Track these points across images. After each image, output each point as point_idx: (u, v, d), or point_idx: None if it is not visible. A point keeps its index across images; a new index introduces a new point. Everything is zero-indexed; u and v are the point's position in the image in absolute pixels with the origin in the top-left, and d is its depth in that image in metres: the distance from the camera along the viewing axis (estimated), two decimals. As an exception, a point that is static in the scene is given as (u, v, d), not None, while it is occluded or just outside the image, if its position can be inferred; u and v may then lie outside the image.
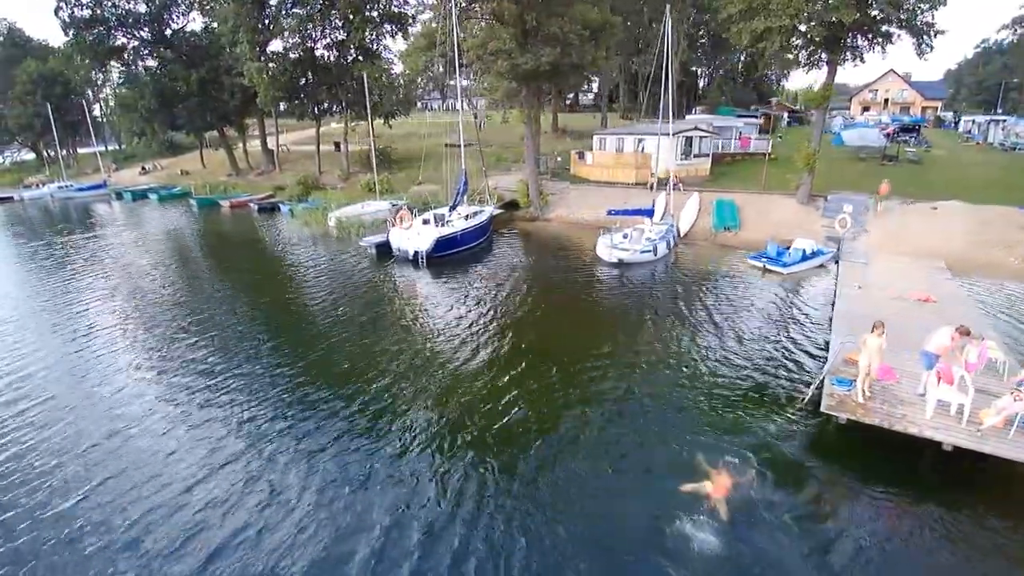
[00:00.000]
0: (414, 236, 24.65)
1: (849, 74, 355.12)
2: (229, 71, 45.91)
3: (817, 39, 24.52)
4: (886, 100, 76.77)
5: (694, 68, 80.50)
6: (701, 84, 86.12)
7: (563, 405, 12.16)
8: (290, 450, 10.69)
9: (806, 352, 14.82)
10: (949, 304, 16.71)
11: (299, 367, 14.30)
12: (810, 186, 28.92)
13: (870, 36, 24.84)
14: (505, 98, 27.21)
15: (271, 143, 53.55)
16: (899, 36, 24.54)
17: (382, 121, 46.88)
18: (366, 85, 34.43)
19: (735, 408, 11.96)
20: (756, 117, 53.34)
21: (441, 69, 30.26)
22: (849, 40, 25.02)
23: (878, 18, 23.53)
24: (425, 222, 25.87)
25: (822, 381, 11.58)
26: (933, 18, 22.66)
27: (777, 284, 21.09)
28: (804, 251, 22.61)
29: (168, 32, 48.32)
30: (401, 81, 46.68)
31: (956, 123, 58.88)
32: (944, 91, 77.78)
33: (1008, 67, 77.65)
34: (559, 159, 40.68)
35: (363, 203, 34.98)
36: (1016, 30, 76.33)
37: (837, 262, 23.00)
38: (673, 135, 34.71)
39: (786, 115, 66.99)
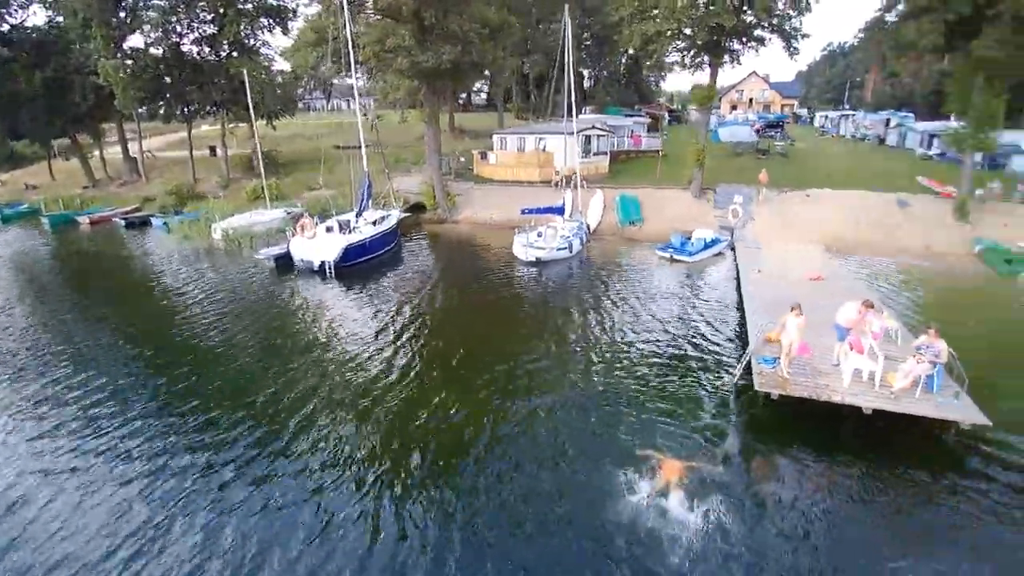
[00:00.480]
0: (319, 245, 23.00)
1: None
2: (80, 69, 40.03)
3: (700, 42, 26.42)
4: (751, 100, 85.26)
5: (581, 69, 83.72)
6: (587, 85, 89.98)
7: (498, 407, 11.86)
8: (195, 496, 9.32)
9: (722, 334, 15.85)
10: (836, 281, 18.72)
11: (198, 401, 12.60)
12: (701, 180, 31.15)
13: (745, 40, 27.22)
14: (408, 96, 26.28)
15: (133, 149, 47.62)
16: (770, 40, 27.15)
17: (264, 122, 43.52)
18: (247, 83, 31.63)
19: (669, 392, 12.47)
20: (643, 116, 56.63)
21: (331, 66, 28.49)
22: (728, 43, 27.23)
23: (752, 23, 25.84)
24: (329, 230, 24.25)
25: (748, 361, 12.31)
26: (800, 24, 25.31)
27: (684, 272, 22.38)
28: (705, 240, 24.27)
29: (4, 28, 41.07)
30: (281, 79, 43.63)
31: (811, 119, 66.82)
32: (799, 90, 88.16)
33: (851, 67, 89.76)
34: (462, 159, 40.31)
35: (252, 212, 32.17)
36: (857, 35, 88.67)
37: (732, 249, 24.98)
38: (573, 134, 35.85)
39: (667, 115, 71.99)
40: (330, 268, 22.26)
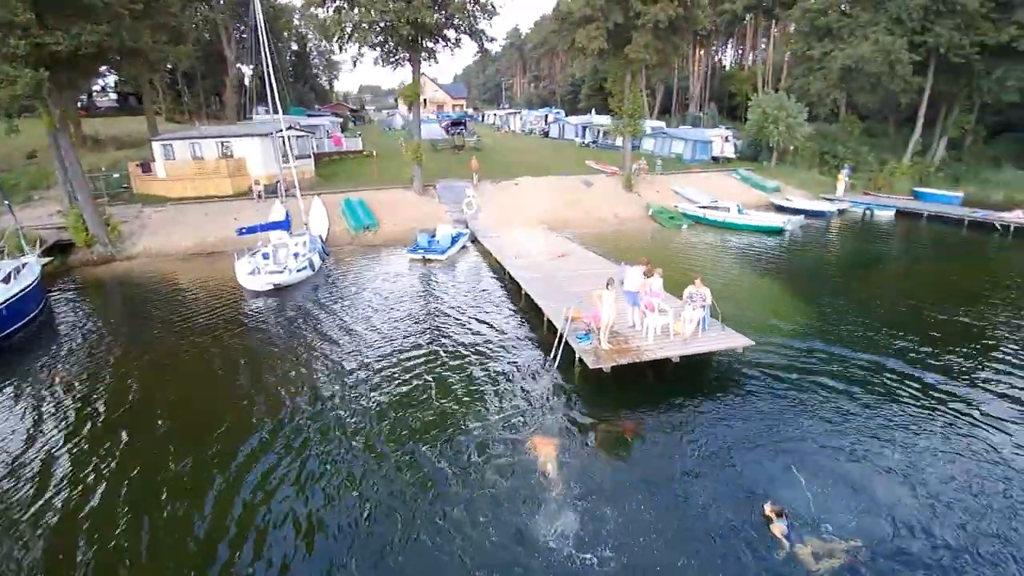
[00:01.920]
0: None
1: (385, 78, 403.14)
2: None
3: (399, 36, 26.30)
4: (424, 100, 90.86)
5: (240, 65, 75.38)
6: (247, 83, 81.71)
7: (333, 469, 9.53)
8: None
9: (514, 320, 16.28)
10: (578, 254, 21.28)
11: None
12: (422, 177, 31.54)
13: (442, 39, 28.38)
14: (19, 96, 17.93)
15: None
16: (461, 40, 28.92)
17: None
18: None
19: (500, 391, 12.18)
20: (332, 116, 54.38)
21: None
22: (426, 42, 27.94)
23: (445, 23, 27.03)
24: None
25: (564, 341, 12.82)
26: (490, 27, 27.59)
27: (442, 270, 22.27)
28: (452, 236, 24.62)
29: None
30: None
31: (482, 117, 75.10)
32: (464, 91, 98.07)
33: (499, 71, 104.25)
34: (115, 175, 31.44)
35: None
36: (502, 43, 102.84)
37: (474, 240, 26.10)
38: (268, 135, 31.76)
39: (349, 114, 71.08)
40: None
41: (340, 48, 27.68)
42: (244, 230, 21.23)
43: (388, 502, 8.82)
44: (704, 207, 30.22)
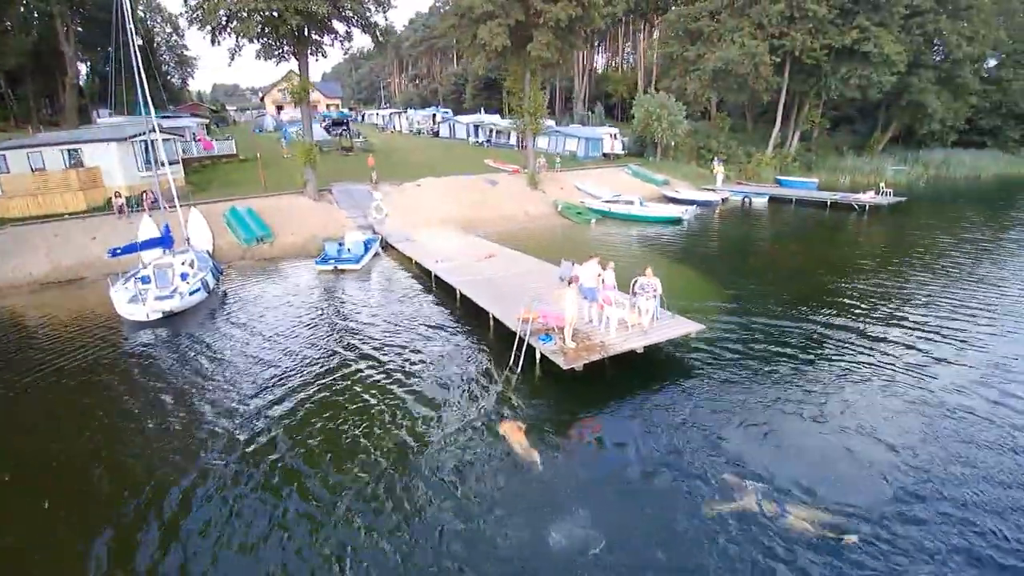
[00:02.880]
0: None
1: (243, 77, 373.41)
2: None
3: (286, 27, 24.19)
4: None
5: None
6: (83, 81, 71.20)
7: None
8: None
9: (460, 326, 15.58)
10: (505, 254, 20.96)
11: None
12: (315, 181, 29.38)
13: (329, 32, 26.59)
14: None
15: None
16: (352, 33, 27.34)
17: None
18: None
19: (456, 403, 11.61)
20: (191, 118, 49.06)
21: None
22: (315, 35, 26.02)
23: (336, 13, 25.32)
24: None
25: (526, 345, 12.43)
26: (386, 20, 26.29)
27: (359, 281, 20.83)
28: (363, 243, 23.11)
29: None
30: None
31: (362, 117, 72.08)
32: (339, 90, 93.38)
33: (373, 70, 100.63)
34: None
35: None
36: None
37: (386, 247, 24.80)
38: (126, 140, 27.75)
39: (210, 116, 64.86)
40: None
41: (214, 41, 24.80)
42: (118, 251, 18.15)
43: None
44: (608, 201, 31.39)
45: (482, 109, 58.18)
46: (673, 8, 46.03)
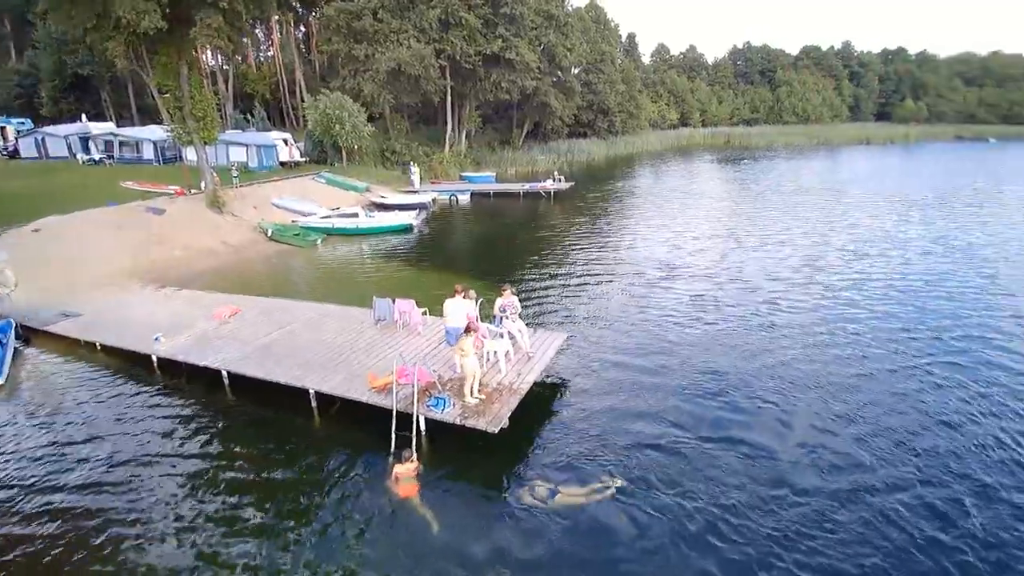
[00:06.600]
0: None
1: None
2: None
3: None
4: None
5: None
6: None
7: None
8: None
9: (259, 428, 10.96)
10: (249, 305, 15.94)
11: None
12: None
13: None
14: None
15: None
16: None
17: None
18: None
19: (352, 489, 8.36)
20: None
21: None
22: None
23: None
24: None
25: (416, 417, 9.48)
26: None
27: (11, 407, 12.82)
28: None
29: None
30: None
31: None
32: None
33: None
34: None
35: None
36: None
37: (27, 341, 15.78)
38: None
39: None
40: None
41: None
42: None
43: None
44: (327, 216, 27.74)
45: (84, 116, 44.35)
46: (333, 3, 43.45)
